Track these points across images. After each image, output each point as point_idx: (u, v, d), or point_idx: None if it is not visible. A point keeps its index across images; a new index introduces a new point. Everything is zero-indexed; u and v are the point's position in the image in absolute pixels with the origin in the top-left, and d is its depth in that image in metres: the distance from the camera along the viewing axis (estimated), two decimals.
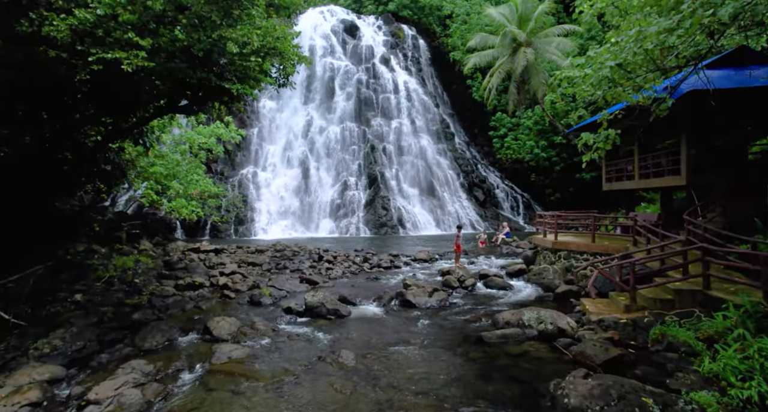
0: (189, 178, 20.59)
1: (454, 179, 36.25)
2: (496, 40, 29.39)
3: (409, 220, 30.78)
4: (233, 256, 18.21)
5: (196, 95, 11.90)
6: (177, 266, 14.55)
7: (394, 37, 43.76)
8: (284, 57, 8.98)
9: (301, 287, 13.23)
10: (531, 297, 12.10)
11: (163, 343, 7.90)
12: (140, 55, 6.66)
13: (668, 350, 7.09)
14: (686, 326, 7.41)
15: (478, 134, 43.28)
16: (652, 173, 14.68)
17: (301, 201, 31.58)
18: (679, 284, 8.28)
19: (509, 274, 14.63)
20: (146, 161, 18.89)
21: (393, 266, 16.77)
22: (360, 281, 14.24)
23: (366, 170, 33.36)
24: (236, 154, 33.63)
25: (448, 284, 13.17)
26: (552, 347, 7.88)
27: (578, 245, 13.59)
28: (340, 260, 17.47)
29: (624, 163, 16.88)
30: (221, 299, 11.67)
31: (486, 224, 33.47)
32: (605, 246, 12.93)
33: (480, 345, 8.17)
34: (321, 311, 10.24)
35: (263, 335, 8.72)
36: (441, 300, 11.37)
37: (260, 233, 28.99)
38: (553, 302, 11.45)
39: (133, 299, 10.56)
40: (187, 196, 19.99)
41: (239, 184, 31.26)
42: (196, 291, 12.12)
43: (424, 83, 42.82)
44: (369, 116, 36.15)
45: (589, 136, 7.23)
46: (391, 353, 7.77)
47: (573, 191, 33.97)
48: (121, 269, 12.72)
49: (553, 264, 14.29)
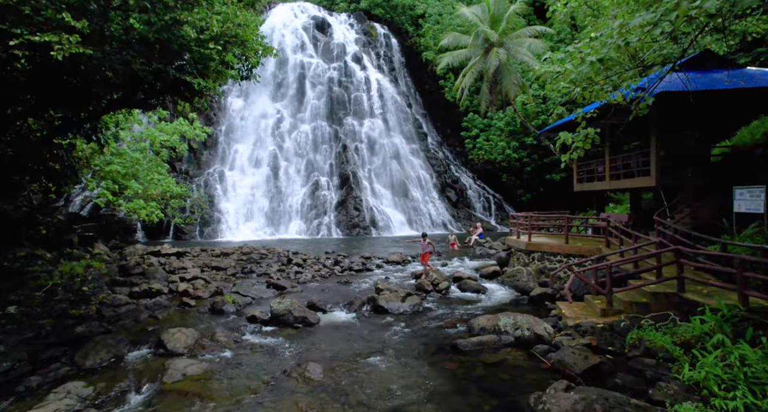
0: (149, 177, 19.45)
1: (427, 180, 36.09)
2: (469, 39, 29.38)
3: (381, 220, 30.35)
4: (196, 259, 17.25)
5: (153, 89, 11.12)
6: (133, 272, 13.55)
7: (367, 35, 43.25)
8: (247, 46, 8.33)
9: (268, 292, 12.54)
10: (506, 300, 11.87)
11: (108, 360, 7.12)
12: (73, 40, 5.85)
13: (646, 355, 6.91)
14: (662, 330, 7.27)
15: (450, 135, 43.34)
16: (622, 174, 14.80)
17: (270, 202, 30.61)
18: (654, 286, 8.17)
19: (483, 276, 14.40)
20: (102, 159, 17.70)
21: (365, 269, 16.27)
22: (330, 286, 13.68)
23: (338, 170, 32.72)
24: (202, 153, 32.29)
25: (421, 288, 12.79)
26: (529, 355, 7.60)
27: (551, 247, 13.50)
28: (310, 263, 16.83)
29: (595, 165, 17.02)
30: (180, 307, 10.86)
31: (459, 225, 33.45)
32: (578, 247, 12.88)
33: (455, 354, 7.80)
34: (288, 319, 9.64)
35: (224, 348, 8.06)
36: (414, 305, 10.96)
37: (227, 235, 27.87)
38: (528, 306, 11.26)
39: (79, 309, 9.63)
40: (147, 197, 18.86)
41: (205, 184, 29.99)
42: (152, 299, 11.24)
43: (397, 83, 42.51)
44: (341, 115, 35.52)
45: (568, 135, 6.96)
46: (361, 365, 7.28)
47: (543, 192, 34.44)
48: (68, 276, 11.67)
49: (527, 266, 14.16)
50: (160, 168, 20.76)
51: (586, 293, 10.12)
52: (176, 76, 9.61)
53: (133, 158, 18.80)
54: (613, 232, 11.90)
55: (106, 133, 17.25)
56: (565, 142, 7.17)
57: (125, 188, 17.98)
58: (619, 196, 28.12)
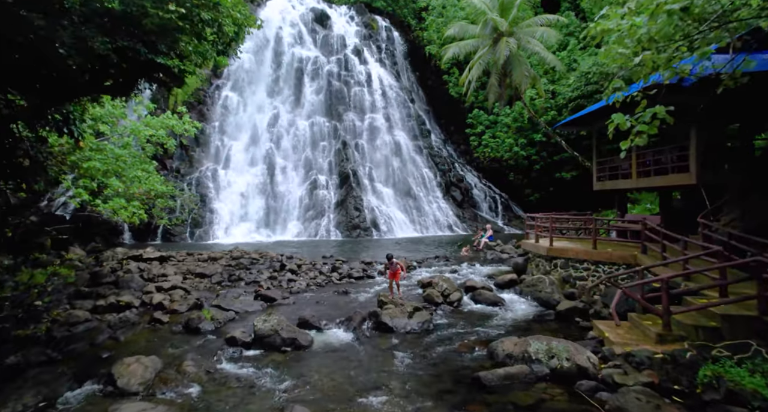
0: (132, 175, 17.89)
1: (431, 178, 34.47)
2: (477, 29, 27.74)
3: (383, 221, 28.75)
4: (180, 265, 15.70)
5: (122, 72, 9.63)
6: (104, 281, 11.99)
7: (368, 28, 41.60)
8: (221, 12, 6.77)
9: (254, 305, 10.98)
10: (528, 315, 10.30)
11: (35, 405, 5.55)
12: None
13: (730, 401, 5.33)
14: (747, 365, 5.69)
15: (454, 132, 41.74)
16: (653, 171, 13.21)
17: (265, 202, 29.04)
18: (726, 307, 6.58)
19: (499, 285, 12.83)
20: (80, 155, 16.16)
21: (366, 276, 14.71)
22: (327, 296, 12.12)
23: (337, 168, 31.14)
24: (194, 150, 30.70)
25: (430, 300, 11.23)
26: (572, 394, 6.03)
27: (577, 252, 11.92)
28: (305, 269, 15.27)
29: (619, 160, 15.39)
30: (150, 324, 9.30)
31: (464, 226, 31.85)
32: (608, 254, 11.30)
33: (479, 390, 6.25)
34: (274, 340, 8.08)
35: (192, 382, 6.51)
36: (423, 322, 9.40)
37: (220, 237, 26.29)
38: (555, 322, 9.69)
39: (26, 329, 8.09)
40: (129, 196, 17.31)
41: (197, 183, 28.41)
42: (120, 314, 9.69)
43: (399, 77, 40.87)
44: (340, 110, 33.89)
45: (623, 117, 5.38)
46: (361, 408, 5.72)
47: (553, 191, 32.80)
48: (24, 286, 10.11)
49: (549, 274, 12.58)
50: (146, 165, 19.25)
51: (628, 309, 8.54)
52: (148, 56, 8.15)
53: (115, 154, 17.27)
54: (653, 237, 10.30)
55: (81, 126, 15.72)
56: (619, 127, 5.58)
57: (105, 187, 16.48)
58: (636, 195, 26.49)
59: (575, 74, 30.77)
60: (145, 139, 18.94)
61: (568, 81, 31.69)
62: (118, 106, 18.25)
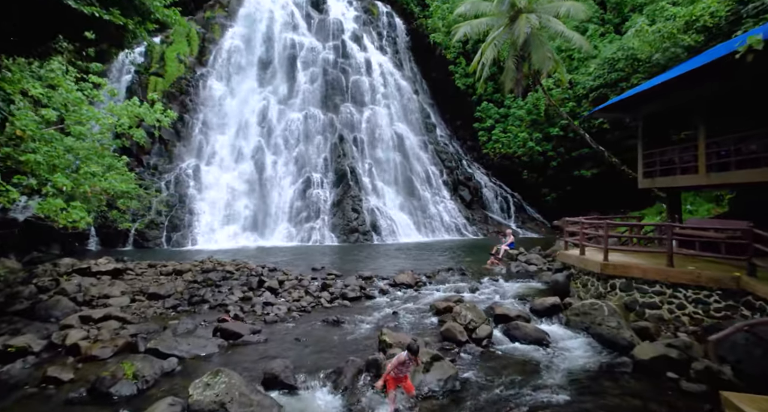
0: (84, 171, 14.77)
1: (436, 176, 31.43)
2: (491, 6, 24.70)
3: (384, 224, 25.70)
4: (135, 281, 12.72)
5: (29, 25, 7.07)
6: (13, 308, 8.98)
7: (367, 13, 38.50)
8: None
9: (210, 345, 7.97)
10: (591, 364, 7.27)
11: None
12: None
13: None
14: None
15: (460, 127, 38.69)
16: (733, 163, 10.20)
17: (253, 202, 26.02)
18: None
19: (537, 311, 9.78)
20: (23, 147, 13.16)
21: (364, 296, 11.69)
22: (311, 329, 9.11)
23: (333, 165, 28.10)
24: (174, 145, 27.65)
25: (450, 336, 8.21)
26: None
27: (645, 271, 8.90)
28: (288, 286, 12.25)
29: (677, 152, 12.37)
30: (40, 386, 6.29)
31: (474, 228, 28.82)
32: (692, 274, 8.28)
33: None
34: None
35: None
36: (446, 379, 6.40)
37: (200, 242, 23.25)
38: (637, 380, 6.65)
39: None
40: (80, 195, 14.25)
41: (176, 181, 25.35)
42: (4, 366, 6.69)
43: (401, 67, 37.80)
44: (337, 101, 30.81)
45: None
46: None
47: (570, 190, 29.74)
48: None
49: (603, 297, 9.56)
50: (112, 160, 16.26)
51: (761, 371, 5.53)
52: None
53: (67, 146, 14.28)
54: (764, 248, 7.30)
55: (7, 107, 12.90)
56: None
57: (45, 184, 13.47)
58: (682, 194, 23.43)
59: (596, 61, 27.76)
60: (107, 129, 15.94)
61: (588, 69, 28.67)
62: (72, 90, 15.24)
